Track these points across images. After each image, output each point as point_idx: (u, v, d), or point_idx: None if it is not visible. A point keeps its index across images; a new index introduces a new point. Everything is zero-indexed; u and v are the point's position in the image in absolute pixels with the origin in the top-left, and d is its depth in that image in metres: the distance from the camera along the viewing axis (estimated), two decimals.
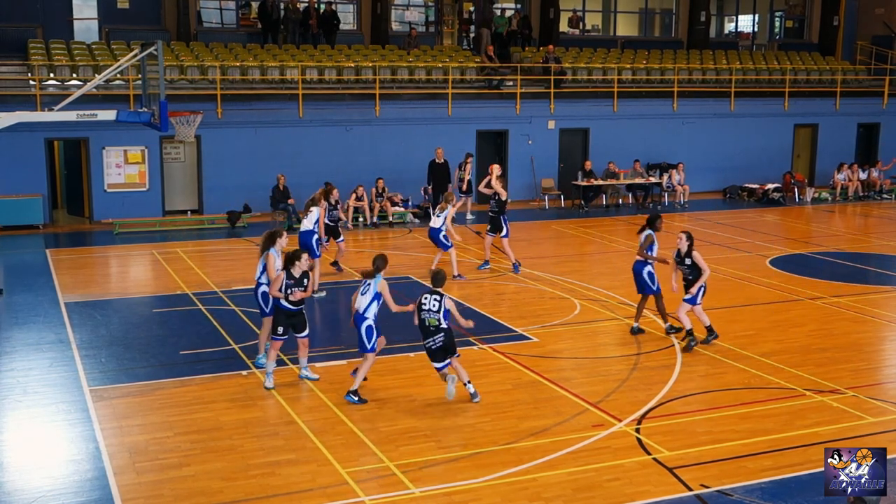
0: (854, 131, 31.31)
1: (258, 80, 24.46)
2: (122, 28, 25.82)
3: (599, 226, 23.08)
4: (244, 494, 8.23)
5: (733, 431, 9.68)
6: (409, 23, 29.98)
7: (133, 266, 18.94)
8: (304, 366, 11.17)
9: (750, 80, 30.89)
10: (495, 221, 17.20)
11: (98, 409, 10.22)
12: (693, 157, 28.02)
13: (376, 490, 8.27)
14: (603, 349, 12.72)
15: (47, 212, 22.37)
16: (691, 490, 8.31)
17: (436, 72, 26.26)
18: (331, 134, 24.46)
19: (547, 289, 15.94)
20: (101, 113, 16.00)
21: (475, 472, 8.63)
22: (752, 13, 35.64)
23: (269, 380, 10.87)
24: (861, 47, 33.86)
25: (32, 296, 15.48)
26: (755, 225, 23.30)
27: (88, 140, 22.43)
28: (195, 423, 9.83)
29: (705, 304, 12.68)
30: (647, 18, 34.30)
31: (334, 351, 12.08)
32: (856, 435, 9.54)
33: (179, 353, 12.33)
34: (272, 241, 11.27)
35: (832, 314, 14.50)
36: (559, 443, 9.33)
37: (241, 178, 23.36)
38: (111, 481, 8.42)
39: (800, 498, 8.15)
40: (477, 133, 26.14)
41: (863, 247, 20.58)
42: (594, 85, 28.23)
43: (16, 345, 12.75)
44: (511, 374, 11.47)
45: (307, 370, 11.17)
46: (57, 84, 22.84)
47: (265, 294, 11.25)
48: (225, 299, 15.16)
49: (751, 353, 12.36)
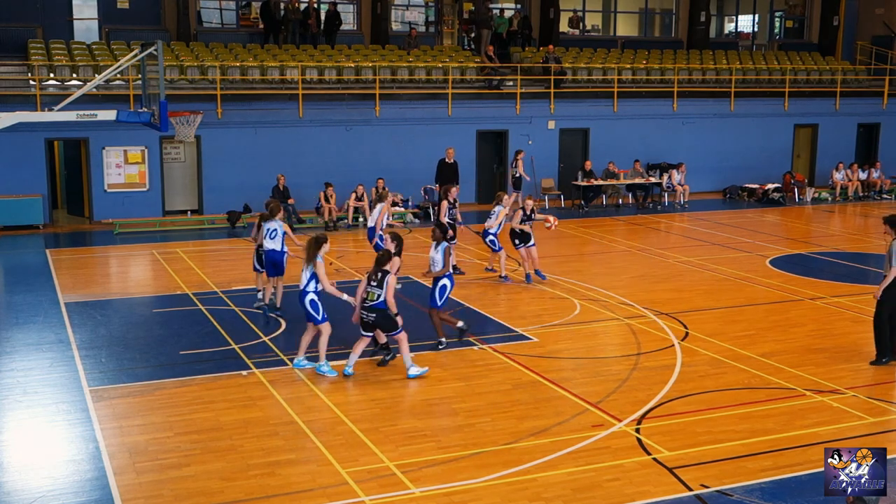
0: (854, 131, 31.31)
1: (258, 80, 24.47)
2: (122, 28, 25.83)
3: (599, 226, 23.08)
4: (244, 494, 8.23)
5: (733, 431, 9.68)
6: (409, 23, 29.98)
7: (133, 266, 18.94)
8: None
9: (750, 80, 30.90)
10: (525, 233, 16.40)
11: (98, 409, 10.22)
12: (693, 158, 28.03)
13: (376, 490, 8.27)
14: (603, 349, 12.72)
15: (47, 212, 22.37)
16: (691, 490, 8.31)
17: (436, 72, 26.26)
18: (331, 134, 24.46)
19: (547, 289, 15.94)
20: (101, 113, 15.98)
21: (475, 472, 8.63)
22: (752, 13, 35.64)
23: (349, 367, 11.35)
24: (861, 47, 33.86)
25: (32, 296, 15.48)
26: (755, 225, 23.30)
27: (88, 140, 22.44)
28: (195, 423, 9.83)
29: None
30: (647, 18, 34.30)
31: (333, 351, 12.06)
32: (856, 435, 9.54)
33: (179, 353, 12.33)
34: (318, 248, 11.27)
35: (832, 314, 14.51)
36: (559, 443, 9.33)
37: (241, 178, 23.37)
38: (111, 481, 8.41)
39: (800, 498, 8.15)
40: (477, 133, 26.15)
41: (863, 247, 20.58)
42: (594, 85, 28.23)
43: (16, 345, 12.75)
44: (511, 374, 11.47)
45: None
46: (57, 84, 22.84)
47: (314, 303, 11.25)
48: (225, 299, 15.16)
49: (751, 353, 12.36)
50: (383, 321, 11.12)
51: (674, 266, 18.04)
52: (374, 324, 11.16)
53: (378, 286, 11.04)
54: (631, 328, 13.57)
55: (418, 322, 13.09)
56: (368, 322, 11.16)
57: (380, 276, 11.09)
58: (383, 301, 11.05)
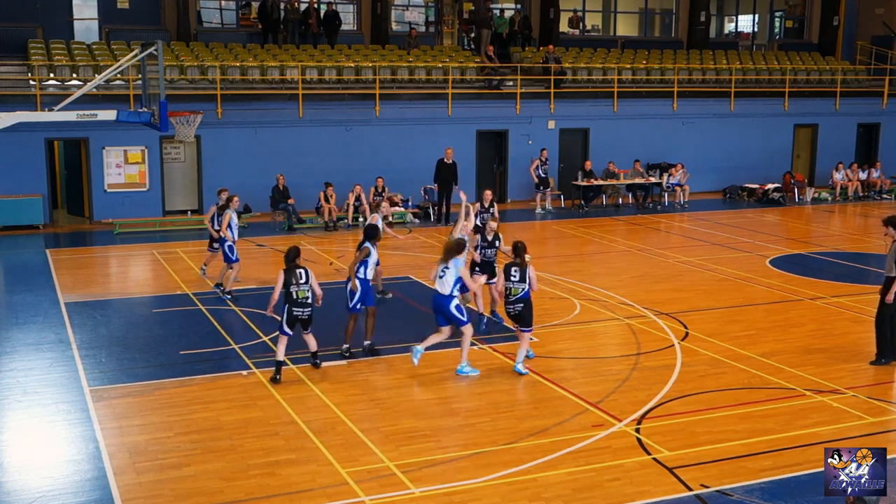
0: (854, 131, 31.31)
1: (258, 80, 24.47)
2: (122, 28, 25.83)
3: (599, 226, 23.08)
4: (244, 494, 8.23)
5: (733, 431, 9.68)
6: (409, 23, 29.98)
7: (133, 266, 18.93)
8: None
9: (750, 80, 30.90)
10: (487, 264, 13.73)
11: (98, 409, 10.22)
12: (693, 157, 28.02)
13: (376, 490, 8.26)
14: (603, 349, 12.72)
15: (47, 212, 22.37)
16: (691, 490, 8.31)
17: (436, 72, 26.26)
18: (331, 134, 24.46)
19: (547, 289, 15.92)
20: (101, 113, 16.00)
21: (475, 472, 8.63)
22: (752, 13, 35.64)
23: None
24: (861, 47, 33.86)
25: (32, 296, 15.48)
26: (755, 225, 23.30)
27: (88, 140, 22.44)
28: (195, 423, 9.83)
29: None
30: (647, 18, 34.30)
31: (334, 351, 12.07)
32: (856, 435, 9.54)
33: (179, 353, 12.33)
34: (459, 251, 11.40)
35: (832, 314, 14.50)
36: (559, 443, 9.33)
37: (241, 178, 23.33)
38: (111, 481, 8.42)
39: (800, 498, 8.15)
40: (477, 133, 26.15)
41: (863, 247, 20.58)
42: (594, 85, 28.23)
43: (16, 345, 12.75)
44: (511, 375, 11.47)
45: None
46: (57, 84, 22.84)
47: (459, 307, 11.35)
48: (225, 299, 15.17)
49: (751, 353, 12.36)
50: (526, 313, 11.31)
51: (674, 266, 18.04)
52: (518, 314, 11.33)
53: (521, 280, 11.19)
54: (631, 328, 13.57)
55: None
56: (514, 313, 11.36)
57: (520, 272, 11.20)
58: (527, 292, 11.25)
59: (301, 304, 11.08)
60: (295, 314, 11.10)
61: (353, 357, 12.00)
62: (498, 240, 13.51)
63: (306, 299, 11.10)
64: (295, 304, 11.06)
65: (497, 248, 13.52)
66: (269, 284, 16.21)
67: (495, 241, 13.48)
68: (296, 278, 11.03)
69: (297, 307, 11.08)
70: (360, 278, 11.96)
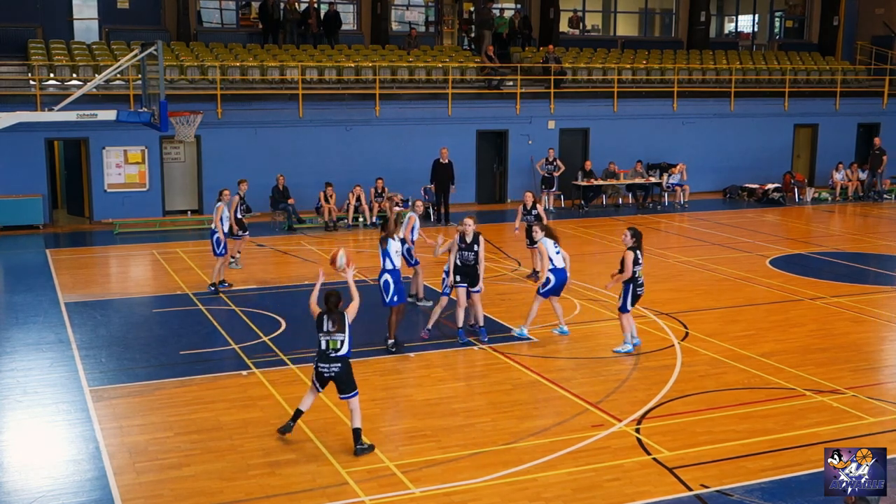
0: (854, 131, 31.30)
1: (258, 80, 24.46)
2: (122, 28, 25.82)
3: (599, 226, 23.08)
4: (244, 494, 8.23)
5: (733, 431, 9.68)
6: (409, 23, 29.97)
7: (133, 266, 18.93)
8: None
9: (750, 80, 30.89)
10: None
11: (98, 409, 10.22)
12: (693, 157, 28.01)
13: (376, 490, 8.27)
14: (603, 349, 12.70)
15: (47, 212, 22.37)
16: (691, 490, 8.31)
17: (436, 72, 26.26)
18: (331, 134, 24.46)
19: None
20: (101, 113, 15.98)
21: (475, 472, 8.63)
22: (752, 13, 35.63)
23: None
24: (861, 47, 33.86)
25: (32, 296, 15.48)
26: (755, 225, 23.30)
27: (88, 140, 22.44)
28: (195, 423, 9.83)
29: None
30: (647, 18, 34.30)
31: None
32: (856, 435, 9.54)
33: (179, 353, 12.33)
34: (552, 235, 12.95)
35: (832, 314, 14.50)
36: (559, 443, 9.33)
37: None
38: (111, 481, 8.42)
39: (800, 498, 8.15)
40: (477, 133, 26.14)
41: (863, 247, 20.58)
42: (594, 85, 28.22)
43: (16, 345, 12.75)
44: (511, 374, 11.47)
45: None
46: (57, 84, 22.84)
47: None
48: (225, 299, 15.16)
49: (751, 353, 12.36)
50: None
51: (674, 266, 18.04)
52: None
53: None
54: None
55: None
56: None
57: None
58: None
59: (325, 357, 8.96)
60: (319, 370, 9.05)
61: (400, 352, 12.12)
62: (477, 244, 12.43)
63: (336, 351, 8.94)
64: (319, 356, 9.04)
65: (476, 251, 12.41)
66: (270, 284, 16.29)
67: (474, 245, 12.40)
68: (326, 325, 8.93)
69: (321, 361, 9.03)
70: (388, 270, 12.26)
